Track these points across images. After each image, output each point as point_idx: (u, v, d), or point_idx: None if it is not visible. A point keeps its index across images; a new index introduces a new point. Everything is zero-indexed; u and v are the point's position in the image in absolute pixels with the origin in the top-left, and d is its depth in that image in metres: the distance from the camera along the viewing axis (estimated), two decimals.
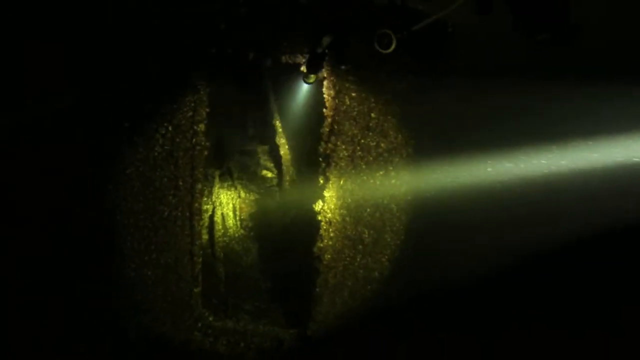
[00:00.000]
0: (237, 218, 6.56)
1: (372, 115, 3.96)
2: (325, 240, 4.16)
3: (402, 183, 4.21)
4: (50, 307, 4.23)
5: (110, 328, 4.35)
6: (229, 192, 6.53)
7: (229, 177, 6.68)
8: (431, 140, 4.15)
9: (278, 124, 6.28)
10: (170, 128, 4.17)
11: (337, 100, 3.92)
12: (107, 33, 3.95)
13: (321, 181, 4.14)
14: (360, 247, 4.30)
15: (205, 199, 5.78)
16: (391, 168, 4.14)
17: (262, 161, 7.01)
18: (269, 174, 6.98)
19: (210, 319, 4.81)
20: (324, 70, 4.09)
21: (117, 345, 4.35)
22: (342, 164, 4.01)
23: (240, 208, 6.61)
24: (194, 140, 4.20)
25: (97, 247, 4.43)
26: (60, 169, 4.14)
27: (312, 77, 4.44)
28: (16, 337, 4.05)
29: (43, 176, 4.20)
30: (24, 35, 4.01)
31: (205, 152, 4.31)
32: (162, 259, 4.57)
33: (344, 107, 3.92)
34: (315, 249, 4.24)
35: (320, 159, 4.11)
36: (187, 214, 4.42)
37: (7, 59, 4.00)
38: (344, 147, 4.00)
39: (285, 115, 6.20)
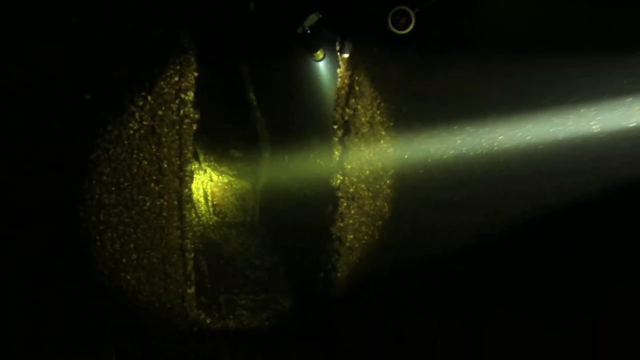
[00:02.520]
0: (210, 204, 5.83)
1: (394, 74, 3.49)
2: (347, 219, 3.68)
3: (418, 151, 3.83)
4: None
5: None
6: (197, 176, 5.75)
7: (195, 159, 5.86)
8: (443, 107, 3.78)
9: (252, 96, 5.57)
10: (150, 98, 3.35)
11: (354, 58, 3.38)
12: None
13: (337, 152, 3.62)
14: (380, 223, 3.88)
15: None
16: (410, 134, 3.73)
17: (229, 139, 6.28)
18: (236, 153, 6.28)
19: (208, 321, 4.15)
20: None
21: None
22: (364, 131, 3.52)
23: (212, 193, 5.88)
24: (181, 112, 3.43)
25: (63, 250, 3.55)
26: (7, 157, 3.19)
27: (320, 54, 3.83)
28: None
29: None
30: None
31: (195, 126, 3.56)
32: (145, 259, 3.79)
33: (364, 64, 3.40)
34: (333, 229, 3.74)
35: (336, 127, 3.58)
36: (175, 202, 3.67)
37: None
38: (364, 111, 3.50)
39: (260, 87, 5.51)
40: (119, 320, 3.90)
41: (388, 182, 3.80)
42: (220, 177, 5.90)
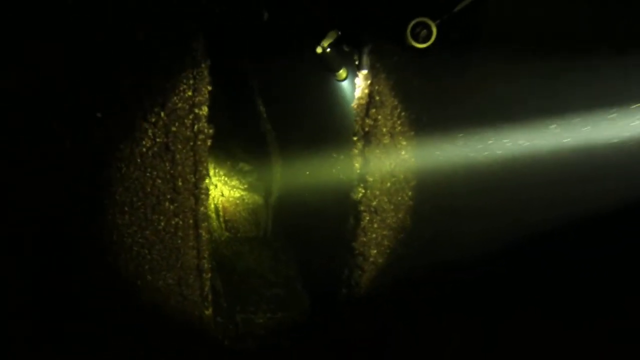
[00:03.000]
0: (221, 220, 5.69)
1: (414, 81, 3.37)
2: (369, 233, 3.54)
3: (438, 160, 3.69)
4: None
5: None
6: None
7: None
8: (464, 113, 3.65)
9: (261, 109, 5.47)
10: (163, 114, 3.23)
11: (374, 67, 3.27)
12: None
13: (357, 165, 3.49)
14: (402, 236, 3.74)
15: None
16: (431, 143, 3.60)
17: (238, 153, 6.16)
18: (246, 167, 6.17)
19: (226, 342, 3.99)
20: None
21: None
22: (385, 141, 3.39)
23: (224, 208, 5.74)
24: (195, 127, 3.31)
25: (75, 274, 3.41)
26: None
27: (343, 73, 3.70)
28: None
29: None
30: None
31: (209, 142, 3.44)
32: (161, 281, 3.65)
33: (384, 74, 3.28)
34: (356, 244, 3.59)
35: (356, 139, 3.45)
36: (191, 221, 3.54)
37: None
38: (384, 121, 3.37)
39: (270, 99, 5.40)
40: (134, 344, 3.75)
41: (410, 193, 3.66)
42: (231, 191, 5.77)
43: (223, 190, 5.69)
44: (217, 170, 5.84)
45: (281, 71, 4.80)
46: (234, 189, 5.84)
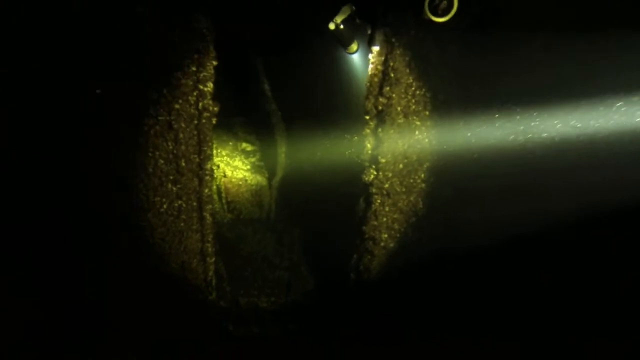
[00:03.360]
0: (224, 201, 5.55)
1: (431, 58, 3.18)
2: (380, 217, 3.40)
3: (454, 142, 3.53)
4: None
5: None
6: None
7: None
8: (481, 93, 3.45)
9: (266, 87, 5.26)
10: (165, 91, 3.05)
11: (388, 42, 3.07)
12: None
13: (369, 145, 3.33)
14: (414, 220, 3.60)
15: None
16: (446, 124, 3.43)
17: (240, 132, 5.98)
18: (249, 147, 5.99)
19: (230, 328, 3.89)
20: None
21: None
22: (400, 121, 3.22)
23: (226, 189, 5.59)
24: (199, 105, 3.13)
25: (76, 258, 3.28)
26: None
27: (354, 46, 3.52)
28: None
29: None
30: None
31: (214, 120, 3.27)
32: (162, 267, 3.53)
33: (400, 49, 3.09)
34: (366, 229, 3.46)
35: (368, 118, 3.28)
36: (195, 203, 3.40)
37: None
38: (399, 100, 3.20)
39: (275, 78, 5.18)
40: (137, 329, 3.65)
41: (422, 175, 3.51)
42: (234, 172, 5.62)
43: (225, 170, 5.53)
44: (219, 150, 5.68)
45: (288, 48, 4.59)
46: (237, 170, 5.69)
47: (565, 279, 3.78)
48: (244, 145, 5.95)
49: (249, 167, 5.79)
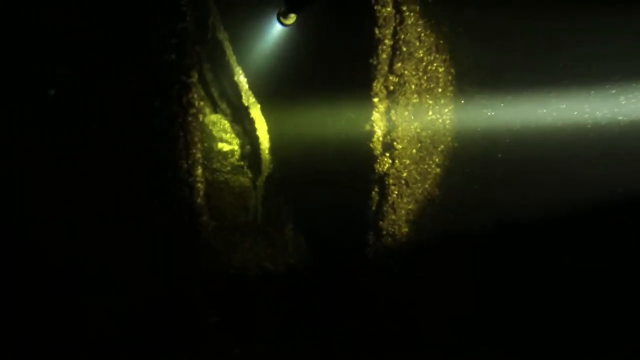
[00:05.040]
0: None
1: (444, 29, 2.84)
2: (399, 210, 3.06)
3: (469, 123, 3.23)
4: None
5: None
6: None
7: None
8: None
9: (240, 74, 4.72)
10: (140, 85, 2.54)
11: (400, 11, 2.70)
12: None
13: (379, 131, 2.96)
14: (429, 209, 3.29)
15: None
16: (461, 103, 3.12)
17: (213, 131, 5.46)
18: (226, 147, 5.49)
19: (237, 351, 3.45)
20: None
21: None
22: (414, 100, 2.87)
23: (207, 194, 5.07)
24: (183, 100, 2.64)
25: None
26: None
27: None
28: None
29: None
30: None
31: (201, 118, 2.79)
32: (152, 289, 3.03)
33: (411, 20, 2.72)
34: (383, 224, 3.11)
35: (377, 100, 2.90)
36: (187, 216, 2.92)
37: None
38: (411, 77, 2.84)
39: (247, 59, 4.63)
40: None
41: (437, 160, 3.20)
42: (213, 175, 5.11)
43: (206, 175, 5.01)
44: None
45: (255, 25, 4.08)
46: (216, 173, 5.19)
47: (587, 263, 3.56)
48: (220, 145, 5.45)
49: (228, 168, 5.30)
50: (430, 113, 3.02)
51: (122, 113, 2.59)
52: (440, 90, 3.00)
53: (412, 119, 2.92)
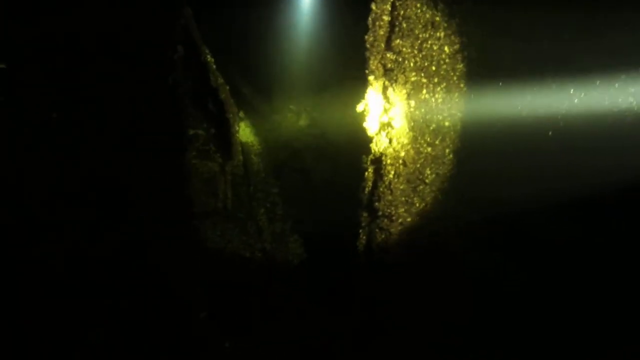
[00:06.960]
0: None
1: (440, 4, 2.80)
2: (396, 191, 3.02)
3: (471, 107, 3.20)
4: None
5: None
6: None
7: None
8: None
9: (209, 58, 4.39)
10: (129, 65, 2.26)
11: None
12: None
13: (377, 110, 2.90)
14: (421, 187, 3.27)
15: None
16: (454, 81, 3.11)
17: (182, 117, 5.10)
18: (190, 131, 5.17)
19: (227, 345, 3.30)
20: None
21: None
22: (412, 79, 2.83)
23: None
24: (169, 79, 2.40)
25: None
26: None
27: None
28: None
29: None
30: None
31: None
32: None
33: None
34: (380, 205, 3.06)
35: (372, 78, 2.83)
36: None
37: None
38: (410, 54, 2.79)
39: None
40: None
41: (429, 139, 3.19)
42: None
43: None
44: None
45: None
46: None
47: (587, 256, 3.48)
48: (188, 131, 5.11)
49: (194, 153, 5.01)
50: (426, 94, 3.00)
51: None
52: (434, 69, 2.98)
53: (411, 99, 2.88)
